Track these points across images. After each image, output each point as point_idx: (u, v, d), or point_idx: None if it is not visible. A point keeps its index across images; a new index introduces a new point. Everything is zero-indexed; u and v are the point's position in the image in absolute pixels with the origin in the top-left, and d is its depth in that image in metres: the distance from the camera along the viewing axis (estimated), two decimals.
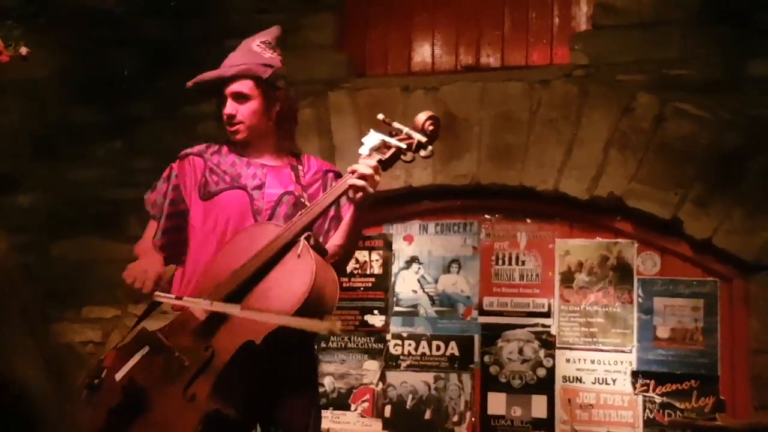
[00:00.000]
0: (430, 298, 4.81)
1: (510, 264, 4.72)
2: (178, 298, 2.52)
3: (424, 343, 4.77)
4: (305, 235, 2.48)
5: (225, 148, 2.83)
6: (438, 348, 4.76)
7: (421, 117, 2.60)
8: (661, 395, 4.36)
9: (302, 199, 2.68)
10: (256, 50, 2.82)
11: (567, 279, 4.61)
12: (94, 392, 2.50)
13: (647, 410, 4.37)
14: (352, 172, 2.51)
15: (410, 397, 4.75)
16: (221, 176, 2.75)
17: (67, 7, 5.10)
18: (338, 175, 2.82)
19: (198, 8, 4.72)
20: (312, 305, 2.37)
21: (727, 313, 4.34)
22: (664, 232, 4.42)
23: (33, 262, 5.08)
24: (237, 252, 2.53)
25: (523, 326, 4.64)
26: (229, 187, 2.73)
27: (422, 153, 2.55)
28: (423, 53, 4.97)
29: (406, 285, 4.87)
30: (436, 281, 4.82)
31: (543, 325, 4.61)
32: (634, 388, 4.41)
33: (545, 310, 4.62)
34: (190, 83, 2.87)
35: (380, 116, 2.62)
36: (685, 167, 4.29)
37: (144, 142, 5.05)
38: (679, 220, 4.30)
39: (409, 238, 4.88)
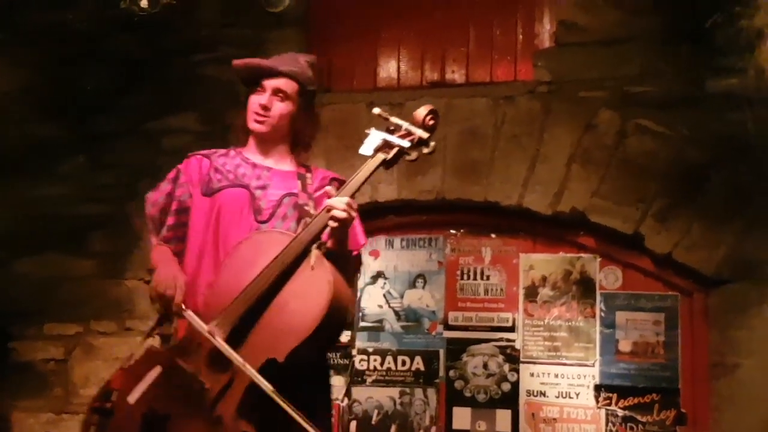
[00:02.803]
0: (396, 313, 4.82)
1: (475, 279, 4.74)
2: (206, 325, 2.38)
3: (389, 358, 4.77)
4: (316, 244, 2.42)
5: (232, 152, 2.81)
6: (403, 363, 4.76)
7: (422, 111, 2.53)
8: (624, 408, 4.39)
9: (306, 207, 2.64)
10: (303, 64, 2.81)
11: (531, 293, 4.64)
12: (106, 417, 2.41)
13: (610, 423, 4.40)
14: (328, 210, 2.43)
15: (376, 412, 4.74)
16: (225, 174, 2.72)
17: (31, 23, 5.06)
18: (341, 183, 2.75)
19: (163, 23, 4.69)
20: (334, 314, 2.33)
21: (687, 327, 4.39)
22: (626, 247, 4.47)
23: None
24: (244, 264, 2.45)
25: (487, 341, 4.66)
26: (231, 184, 2.70)
27: (425, 150, 2.48)
28: (388, 69, 4.99)
29: (371, 300, 4.87)
30: (402, 296, 4.83)
31: (507, 340, 4.63)
32: (597, 402, 4.44)
33: (509, 324, 4.64)
34: (238, 62, 2.79)
35: (376, 110, 2.55)
36: (647, 183, 4.34)
37: (108, 157, 5.01)
38: (641, 234, 4.34)
39: (374, 253, 4.88)
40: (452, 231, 4.82)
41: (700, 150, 4.29)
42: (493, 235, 4.75)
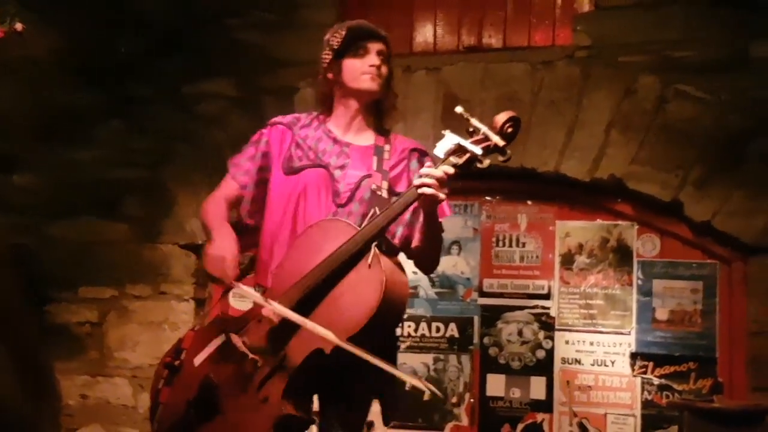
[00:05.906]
0: (430, 279, 4.80)
1: (510, 246, 4.71)
2: (260, 289, 2.49)
3: (423, 325, 4.78)
4: (376, 243, 2.40)
5: (315, 122, 2.77)
6: (437, 329, 4.76)
7: (502, 117, 2.42)
8: (660, 377, 4.37)
9: (378, 192, 2.59)
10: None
11: (567, 261, 4.61)
12: (173, 373, 2.52)
13: (645, 392, 4.39)
14: (421, 179, 2.38)
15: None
16: (306, 152, 2.69)
17: None
18: (423, 154, 2.74)
19: None
20: (381, 316, 2.33)
21: (726, 296, 4.35)
22: (664, 214, 4.42)
23: (31, 242, 5.06)
24: (309, 250, 2.46)
25: (522, 308, 4.64)
26: (312, 164, 2.67)
27: (500, 158, 2.38)
28: (425, 33, 4.94)
29: (406, 266, 4.83)
30: None
31: (543, 307, 4.62)
32: (633, 370, 4.42)
33: (545, 292, 4.62)
34: (353, 22, 2.77)
35: (459, 109, 2.43)
36: (687, 149, 4.28)
37: (143, 122, 5.02)
38: (680, 202, 4.29)
39: None
40: (488, 198, 4.78)
41: (741, 116, 4.22)
42: (529, 202, 4.72)
